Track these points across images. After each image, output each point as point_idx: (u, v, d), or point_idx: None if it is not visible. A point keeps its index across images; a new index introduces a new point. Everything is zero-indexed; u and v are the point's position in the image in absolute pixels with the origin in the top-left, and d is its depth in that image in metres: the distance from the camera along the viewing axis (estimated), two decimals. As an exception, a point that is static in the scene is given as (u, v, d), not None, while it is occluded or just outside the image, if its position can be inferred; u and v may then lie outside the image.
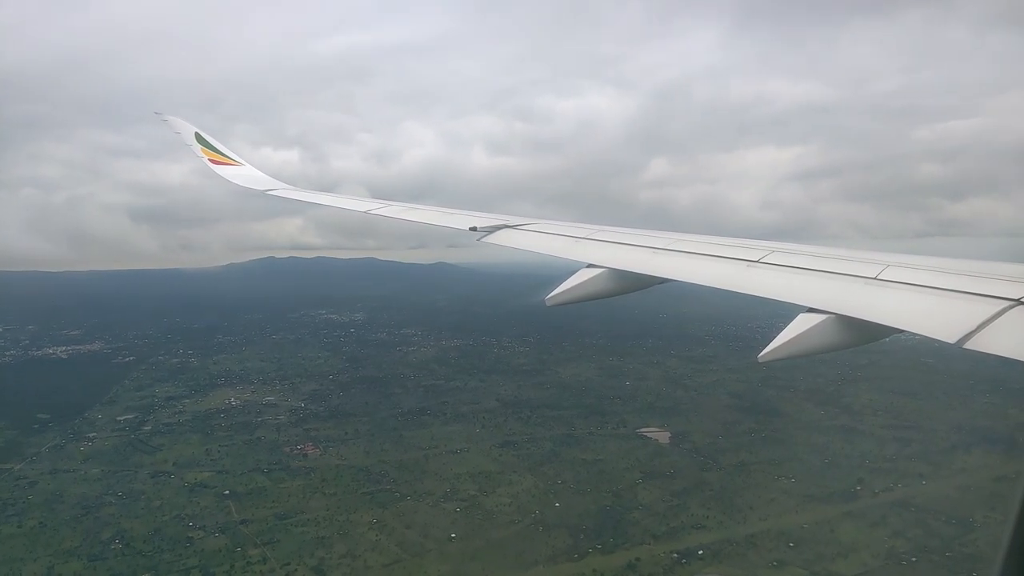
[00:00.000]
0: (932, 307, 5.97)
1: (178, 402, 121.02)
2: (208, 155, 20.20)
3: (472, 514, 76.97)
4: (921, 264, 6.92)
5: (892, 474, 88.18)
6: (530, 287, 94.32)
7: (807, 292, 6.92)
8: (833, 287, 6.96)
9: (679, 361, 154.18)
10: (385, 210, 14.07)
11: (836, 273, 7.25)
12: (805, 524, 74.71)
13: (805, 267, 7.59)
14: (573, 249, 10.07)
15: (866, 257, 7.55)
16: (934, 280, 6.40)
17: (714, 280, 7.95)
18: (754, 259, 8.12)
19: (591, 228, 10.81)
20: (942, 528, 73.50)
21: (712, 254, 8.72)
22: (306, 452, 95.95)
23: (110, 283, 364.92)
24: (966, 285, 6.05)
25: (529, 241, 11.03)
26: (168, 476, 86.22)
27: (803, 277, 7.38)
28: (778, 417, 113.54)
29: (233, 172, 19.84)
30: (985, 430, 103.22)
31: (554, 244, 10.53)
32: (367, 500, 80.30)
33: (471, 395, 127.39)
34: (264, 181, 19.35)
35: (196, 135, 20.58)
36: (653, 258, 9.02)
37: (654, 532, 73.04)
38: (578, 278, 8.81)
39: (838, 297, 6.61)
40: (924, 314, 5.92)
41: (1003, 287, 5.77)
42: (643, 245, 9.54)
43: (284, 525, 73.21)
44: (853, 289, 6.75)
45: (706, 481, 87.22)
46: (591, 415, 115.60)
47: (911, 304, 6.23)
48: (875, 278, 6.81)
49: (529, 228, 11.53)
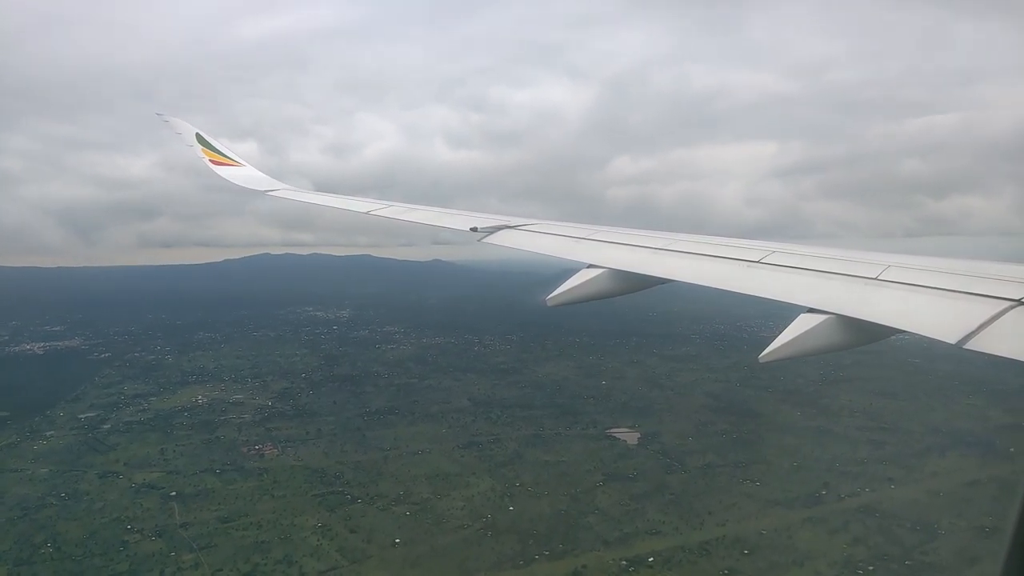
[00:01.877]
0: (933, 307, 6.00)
1: (144, 400, 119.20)
2: (209, 156, 20.35)
3: (422, 518, 74.80)
4: (922, 265, 6.90)
5: (860, 478, 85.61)
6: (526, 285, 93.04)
7: (808, 292, 6.92)
8: (834, 287, 6.96)
9: (660, 360, 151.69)
10: (386, 211, 14.08)
11: (836, 273, 7.24)
12: (763, 530, 72.31)
13: (805, 267, 7.57)
14: (574, 249, 10.11)
15: (866, 258, 7.52)
16: (934, 280, 6.40)
17: (714, 280, 7.96)
18: (754, 259, 8.11)
19: (591, 228, 10.86)
20: (905, 535, 70.99)
21: (712, 254, 8.74)
22: (264, 452, 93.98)
23: (104, 279, 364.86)
24: (966, 285, 6.04)
25: (529, 241, 11.10)
26: (117, 476, 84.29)
27: (803, 277, 7.39)
28: (753, 418, 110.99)
29: (234, 173, 19.95)
30: (963, 433, 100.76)
31: (554, 244, 10.61)
32: (316, 503, 78.22)
33: (443, 394, 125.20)
34: (265, 182, 19.39)
35: (197, 136, 20.69)
36: (653, 258, 9.03)
37: (606, 538, 70.73)
38: (579, 278, 8.81)
39: (839, 297, 6.61)
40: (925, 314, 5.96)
41: (1004, 287, 5.76)
42: (643, 245, 9.55)
43: (225, 529, 71.17)
44: (854, 289, 6.76)
45: (668, 484, 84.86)
46: (562, 415, 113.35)
47: (912, 304, 6.26)
48: (876, 278, 6.80)
49: (529, 228, 11.57)
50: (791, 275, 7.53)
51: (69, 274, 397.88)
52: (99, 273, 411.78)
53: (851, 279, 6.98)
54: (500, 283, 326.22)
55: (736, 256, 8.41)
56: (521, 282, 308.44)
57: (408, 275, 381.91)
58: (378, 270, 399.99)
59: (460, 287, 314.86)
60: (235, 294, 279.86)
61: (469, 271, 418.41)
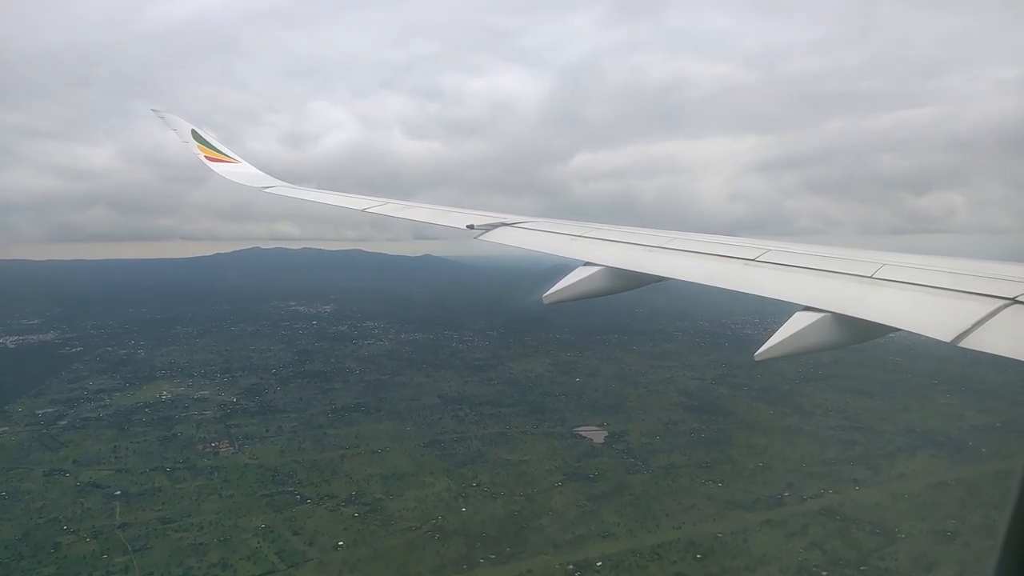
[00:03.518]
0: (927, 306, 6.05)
1: (108, 395, 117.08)
2: (205, 152, 20.16)
3: (369, 520, 72.78)
4: (916, 263, 6.92)
5: (826, 479, 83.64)
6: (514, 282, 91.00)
7: (803, 290, 6.94)
8: (829, 286, 6.98)
9: (638, 357, 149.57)
10: (382, 208, 14.17)
11: (831, 272, 7.25)
12: (720, 533, 70.31)
13: (801, 265, 7.58)
14: (569, 247, 10.09)
15: (861, 256, 7.53)
16: (929, 279, 6.43)
17: (710, 278, 7.93)
18: (750, 257, 8.11)
19: (587, 226, 10.89)
20: (864, 539, 69.05)
21: (709, 252, 8.73)
22: (219, 450, 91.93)
23: (90, 273, 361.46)
24: (961, 284, 6.08)
25: (526, 239, 11.08)
26: (63, 475, 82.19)
27: (799, 275, 7.38)
28: (724, 416, 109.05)
29: (230, 169, 19.77)
30: (936, 433, 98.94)
31: (551, 242, 10.61)
32: (264, 503, 76.18)
33: (413, 391, 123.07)
34: (261, 179, 19.14)
35: (193, 132, 20.42)
36: (649, 256, 9.06)
37: (556, 541, 68.74)
38: (575, 276, 8.79)
39: (834, 296, 6.64)
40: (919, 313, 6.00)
41: (998, 286, 5.80)
42: (639, 243, 9.60)
43: (165, 530, 69.14)
44: (849, 288, 6.78)
45: (629, 485, 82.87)
46: (531, 413, 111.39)
47: (907, 303, 6.27)
48: (871, 277, 6.82)
49: (526, 226, 11.58)
50: (786, 273, 7.53)
51: (55, 268, 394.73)
52: (86, 267, 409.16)
53: (846, 277, 6.99)
54: (489, 279, 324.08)
55: (732, 254, 8.40)
56: (510, 278, 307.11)
57: (397, 270, 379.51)
58: (368, 265, 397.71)
59: (448, 282, 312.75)
60: (220, 288, 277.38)
61: (460, 267, 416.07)
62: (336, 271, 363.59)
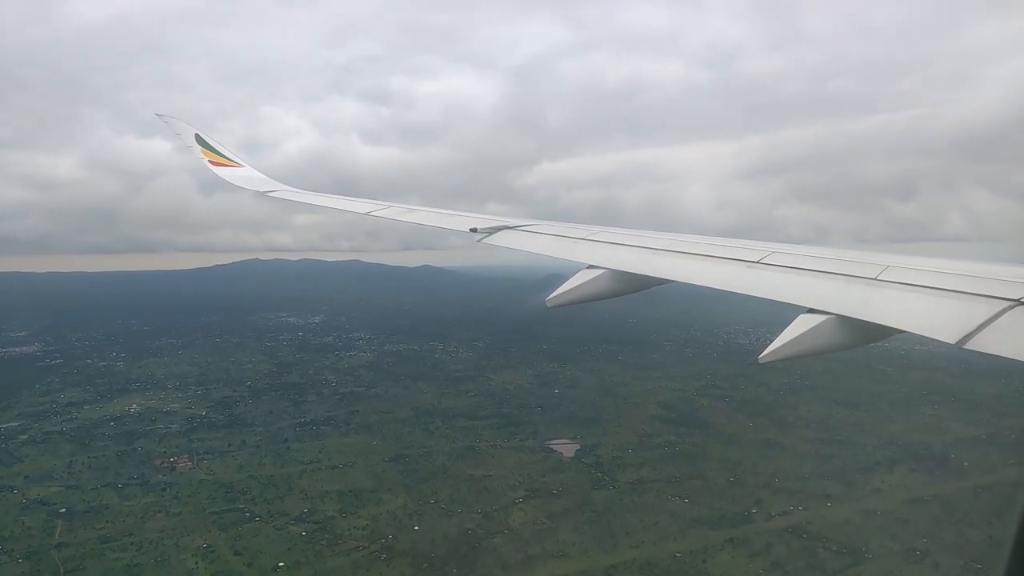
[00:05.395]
0: (932, 308, 5.99)
1: (77, 409, 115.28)
2: (208, 156, 20.11)
3: (316, 539, 70.30)
4: (921, 265, 6.86)
5: (797, 495, 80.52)
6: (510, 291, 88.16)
7: (808, 292, 6.88)
8: (833, 288, 6.94)
9: (622, 368, 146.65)
10: (384, 212, 14.13)
11: (836, 274, 7.22)
12: (679, 552, 67.44)
13: (805, 268, 7.52)
14: (572, 249, 10.04)
15: (866, 258, 7.46)
16: (934, 281, 6.36)
17: (714, 281, 7.89)
18: (755, 260, 8.03)
19: (591, 229, 10.80)
20: (829, 559, 66.00)
21: (712, 254, 8.64)
22: (176, 465, 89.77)
23: (89, 284, 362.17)
24: (966, 286, 6.02)
25: (529, 242, 10.98)
26: (10, 491, 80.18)
27: (803, 277, 7.35)
28: (702, 429, 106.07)
29: (233, 174, 19.72)
30: (918, 446, 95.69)
31: (554, 245, 10.54)
32: (211, 521, 73.84)
33: (388, 403, 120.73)
34: (264, 183, 19.10)
35: (196, 136, 20.47)
36: (653, 258, 8.95)
37: (507, 561, 66.09)
38: (578, 279, 8.70)
39: (838, 298, 6.59)
40: (924, 315, 5.95)
41: (1003, 288, 5.73)
42: (643, 246, 9.51)
43: (102, 549, 66.89)
44: (853, 290, 6.74)
45: (592, 501, 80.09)
46: (505, 425, 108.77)
47: (911, 305, 6.23)
48: (875, 279, 6.77)
49: (529, 229, 11.48)
50: (791, 275, 7.49)
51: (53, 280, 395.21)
52: (85, 279, 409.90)
53: (851, 279, 6.96)
54: (487, 289, 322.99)
55: (736, 256, 8.33)
56: (507, 288, 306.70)
57: (394, 280, 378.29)
58: (365, 275, 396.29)
59: (444, 293, 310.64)
60: (214, 299, 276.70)
61: (458, 276, 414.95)
62: (333, 282, 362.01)
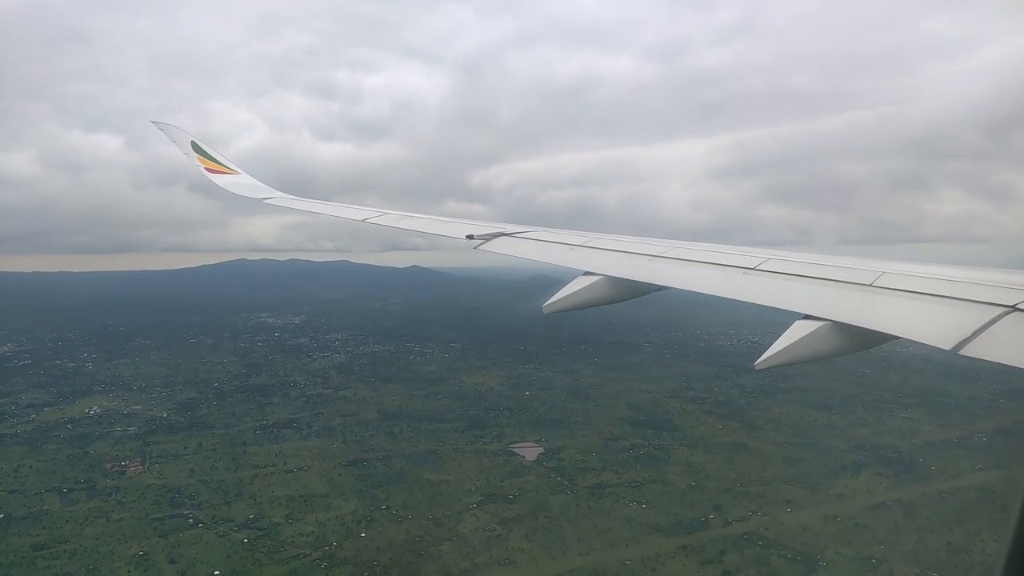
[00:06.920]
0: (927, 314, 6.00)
1: (36, 411, 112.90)
2: (204, 163, 19.94)
3: (258, 546, 68.30)
4: (916, 271, 6.91)
5: (758, 499, 78.81)
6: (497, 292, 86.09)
7: (803, 299, 6.88)
8: (829, 294, 6.92)
9: (597, 369, 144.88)
10: (381, 218, 14.13)
11: (831, 280, 7.18)
12: (628, 560, 65.64)
13: (801, 274, 7.51)
14: (569, 256, 10.01)
15: (861, 264, 7.47)
16: (929, 287, 6.38)
17: (711, 287, 7.89)
18: (750, 266, 8.05)
19: (587, 235, 10.80)
20: (782, 567, 64.25)
21: (709, 261, 8.63)
22: (127, 469, 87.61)
23: (73, 284, 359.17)
24: (961, 292, 6.01)
25: (526, 249, 10.91)
26: (-50, 497, 78.07)
27: (799, 284, 7.31)
28: (669, 432, 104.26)
29: (230, 181, 19.58)
30: (887, 449, 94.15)
31: (551, 252, 10.50)
32: (151, 528, 71.75)
33: (354, 406, 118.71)
34: (261, 190, 18.93)
35: (193, 144, 20.29)
36: (650, 265, 8.94)
37: (451, 570, 64.20)
38: (575, 285, 8.65)
39: (834, 304, 6.59)
40: (919, 321, 5.93)
41: (998, 293, 5.71)
42: (640, 252, 9.52)
43: (33, 557, 64.81)
44: (849, 296, 6.73)
45: (548, 506, 78.20)
46: (470, 428, 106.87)
47: (907, 311, 6.20)
48: (871, 285, 6.76)
49: (526, 236, 11.46)
50: (787, 282, 7.46)
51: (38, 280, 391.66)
52: (70, 278, 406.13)
53: (846, 286, 6.94)
54: (474, 290, 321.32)
55: (732, 263, 8.29)
56: (494, 290, 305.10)
57: (381, 281, 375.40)
58: (352, 276, 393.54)
59: (429, 294, 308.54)
60: (197, 300, 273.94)
61: (446, 277, 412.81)
62: (319, 282, 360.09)
